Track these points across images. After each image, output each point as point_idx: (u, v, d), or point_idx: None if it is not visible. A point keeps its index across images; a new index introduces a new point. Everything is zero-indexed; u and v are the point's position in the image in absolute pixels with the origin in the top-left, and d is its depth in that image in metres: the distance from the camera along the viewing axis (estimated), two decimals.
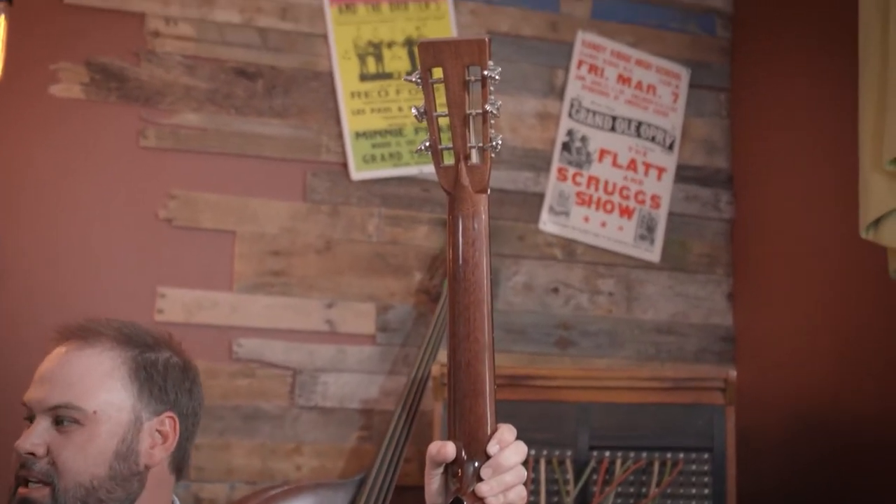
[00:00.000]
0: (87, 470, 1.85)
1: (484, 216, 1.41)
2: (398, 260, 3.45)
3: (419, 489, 1.49)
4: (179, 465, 1.99)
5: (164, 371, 1.96)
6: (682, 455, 2.84)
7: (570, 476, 2.81)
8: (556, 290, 3.59)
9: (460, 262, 1.40)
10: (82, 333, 1.95)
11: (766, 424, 3.42)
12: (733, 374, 2.89)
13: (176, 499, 2.01)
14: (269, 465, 3.28)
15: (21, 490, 1.85)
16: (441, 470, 1.42)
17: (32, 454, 1.84)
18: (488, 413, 1.40)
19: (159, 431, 1.94)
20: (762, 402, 3.44)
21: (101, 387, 1.89)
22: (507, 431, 1.41)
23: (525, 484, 1.43)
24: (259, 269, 3.34)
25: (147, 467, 1.91)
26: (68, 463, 1.84)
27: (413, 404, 3.10)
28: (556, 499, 2.80)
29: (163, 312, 3.23)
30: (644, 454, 2.84)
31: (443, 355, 3.12)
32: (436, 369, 2.93)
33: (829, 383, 3.24)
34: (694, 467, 2.84)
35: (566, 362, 3.55)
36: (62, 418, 1.86)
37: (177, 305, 3.25)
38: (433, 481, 1.42)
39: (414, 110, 1.40)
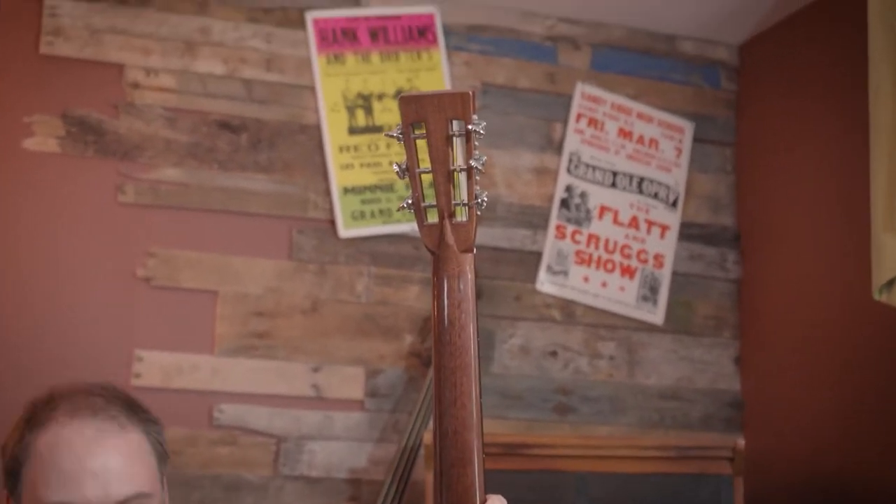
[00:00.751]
0: None
1: (470, 276, 1.40)
2: (388, 321, 3.44)
3: None
4: None
5: (164, 444, 1.97)
6: None
7: None
8: (554, 354, 3.57)
9: (446, 324, 1.38)
10: (106, 412, 1.89)
11: (777, 496, 3.38)
12: (741, 442, 2.88)
13: None
14: None
15: None
16: None
17: None
18: (477, 484, 1.38)
19: None
20: (772, 472, 3.41)
21: (151, 469, 1.89)
22: (496, 503, 1.38)
23: None
24: (242, 331, 3.32)
25: None
26: None
27: (404, 474, 3.07)
28: None
29: (140, 377, 3.20)
30: None
31: None
32: (428, 437, 2.91)
33: (843, 452, 3.21)
34: None
35: (565, 430, 3.53)
36: None
37: (155, 369, 3.23)
38: None
39: (396, 167, 1.39)
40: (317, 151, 3.46)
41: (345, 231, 3.43)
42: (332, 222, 3.44)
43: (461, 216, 1.40)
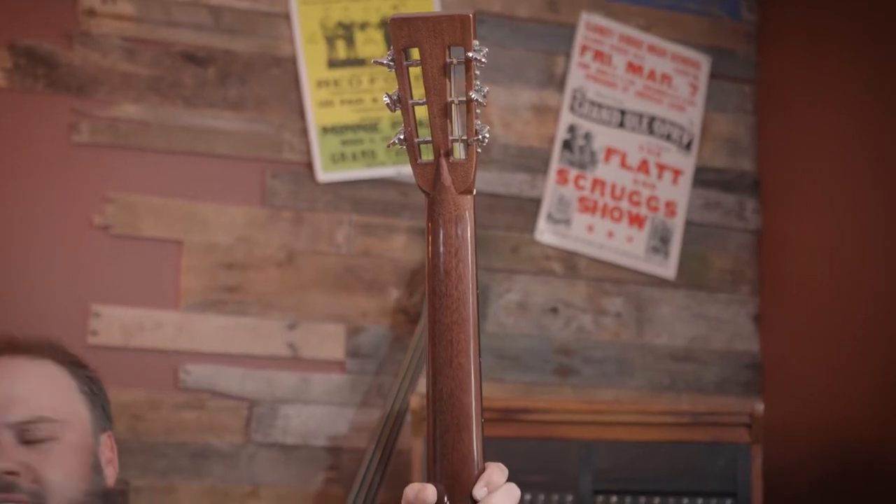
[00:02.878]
0: (74, 485, 1.91)
1: (469, 221, 1.39)
2: (371, 274, 3.44)
3: None
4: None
5: (100, 389, 2.07)
6: (700, 501, 2.85)
7: None
8: (555, 311, 3.57)
9: (441, 274, 1.38)
10: (17, 346, 2.01)
11: (798, 465, 3.40)
12: (760, 407, 2.90)
13: None
14: None
15: None
16: None
17: (15, 473, 1.86)
18: (475, 450, 1.39)
19: (105, 452, 2.04)
20: (793, 440, 3.43)
21: (66, 398, 1.98)
22: (496, 472, 1.39)
23: None
24: (210, 285, 3.33)
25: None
26: (57, 479, 1.89)
27: (388, 442, 3.08)
28: None
29: (97, 334, 3.21)
30: (657, 500, 2.84)
31: (423, 385, 3.09)
32: (415, 401, 2.92)
33: (871, 418, 3.23)
34: None
35: (567, 393, 3.54)
36: (34, 433, 1.90)
37: (114, 326, 3.23)
38: None
39: (386, 98, 1.38)
40: (292, 87, 3.45)
41: (323, 175, 3.43)
42: (310, 165, 3.43)
43: (459, 154, 1.39)
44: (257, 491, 3.28)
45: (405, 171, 3.43)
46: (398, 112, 1.40)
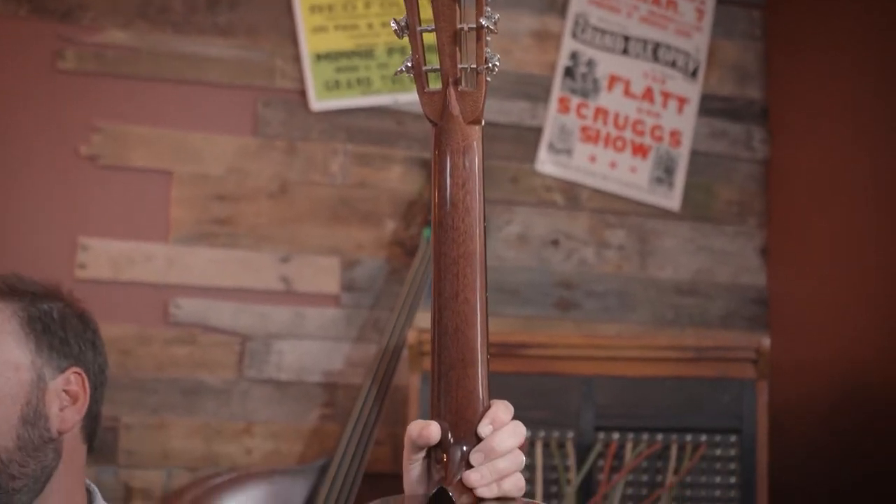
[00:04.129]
0: None
1: (477, 152, 1.39)
2: (367, 206, 3.44)
3: (392, 477, 1.48)
4: (91, 432, 2.02)
5: (60, 321, 2.00)
6: (704, 437, 2.85)
7: (571, 462, 2.82)
8: (556, 243, 3.58)
9: (448, 206, 1.38)
10: None
11: (804, 401, 3.43)
12: (766, 342, 2.90)
13: (89, 482, 2.02)
14: (214, 449, 3.29)
15: None
16: (423, 454, 1.41)
17: None
18: (480, 387, 1.39)
19: (67, 391, 1.97)
20: (799, 376, 3.45)
21: None
22: (501, 409, 1.40)
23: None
24: (200, 217, 3.33)
25: (60, 433, 1.93)
26: None
27: (385, 377, 3.09)
28: (555, 488, 2.81)
29: (85, 268, 3.21)
30: (660, 436, 2.85)
31: (420, 319, 3.11)
32: (412, 336, 2.92)
33: (878, 354, 3.24)
34: (719, 451, 2.85)
35: (568, 327, 3.56)
36: None
37: (102, 259, 3.24)
38: (413, 468, 1.41)
39: (394, 24, 1.37)
40: (285, 12, 3.43)
41: (317, 103, 3.42)
42: (303, 93, 3.42)
43: (467, 83, 1.39)
44: (251, 428, 3.31)
45: (401, 99, 3.44)
46: (394, 38, 1.39)
